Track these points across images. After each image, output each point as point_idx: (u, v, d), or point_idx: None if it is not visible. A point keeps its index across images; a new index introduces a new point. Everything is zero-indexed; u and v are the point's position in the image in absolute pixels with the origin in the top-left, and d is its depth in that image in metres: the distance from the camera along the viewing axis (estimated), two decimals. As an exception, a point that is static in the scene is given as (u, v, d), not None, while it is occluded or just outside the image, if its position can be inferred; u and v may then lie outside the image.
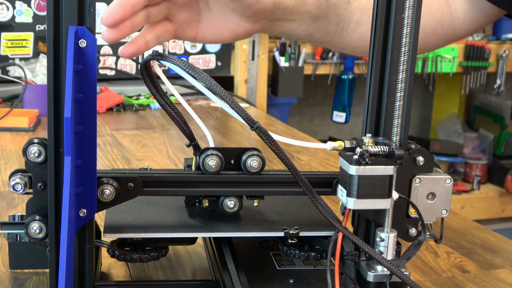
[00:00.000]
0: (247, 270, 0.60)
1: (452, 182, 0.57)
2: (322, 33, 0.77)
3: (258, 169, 0.59)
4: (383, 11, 0.54)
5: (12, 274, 0.67)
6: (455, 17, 0.84)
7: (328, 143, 0.55)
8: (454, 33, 0.86)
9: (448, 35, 0.86)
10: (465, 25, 0.85)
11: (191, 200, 0.63)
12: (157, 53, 0.56)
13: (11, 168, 1.10)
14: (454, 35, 0.86)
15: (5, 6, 1.83)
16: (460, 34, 0.86)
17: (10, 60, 1.83)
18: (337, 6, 0.76)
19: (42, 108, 1.51)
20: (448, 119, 3.16)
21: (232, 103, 0.52)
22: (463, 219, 0.92)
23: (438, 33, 0.83)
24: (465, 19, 0.85)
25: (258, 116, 1.82)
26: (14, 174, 0.55)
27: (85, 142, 0.52)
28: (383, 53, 0.54)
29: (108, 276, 0.69)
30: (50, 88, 0.52)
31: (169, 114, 0.60)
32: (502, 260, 0.79)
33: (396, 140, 0.54)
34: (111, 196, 0.56)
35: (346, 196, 0.53)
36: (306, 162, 1.23)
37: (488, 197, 2.90)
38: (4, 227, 0.62)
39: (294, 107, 2.92)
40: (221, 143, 1.36)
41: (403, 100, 0.54)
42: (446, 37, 0.86)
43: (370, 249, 0.53)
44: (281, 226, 0.60)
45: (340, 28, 0.78)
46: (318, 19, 0.75)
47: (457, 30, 0.86)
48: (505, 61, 2.72)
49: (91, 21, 0.52)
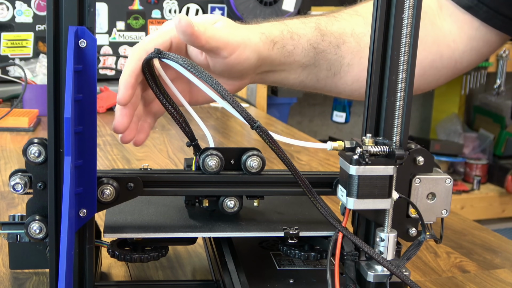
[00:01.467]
0: (247, 270, 0.60)
1: (452, 182, 0.57)
2: (314, 80, 0.76)
3: (258, 169, 0.59)
4: (383, 11, 0.54)
5: (12, 274, 0.67)
6: (454, 48, 0.82)
7: (328, 143, 0.55)
8: (455, 65, 0.83)
9: (449, 68, 0.83)
10: (466, 55, 0.83)
11: (191, 200, 0.63)
12: (159, 51, 0.56)
13: (11, 168, 1.10)
14: (456, 67, 0.83)
15: (5, 6, 1.83)
16: (463, 65, 0.84)
17: (10, 60, 1.83)
18: (325, 52, 0.75)
19: (42, 108, 1.51)
20: (448, 119, 3.16)
21: (233, 102, 0.52)
22: (463, 219, 0.92)
23: (438, 66, 0.81)
24: (465, 50, 0.82)
25: (258, 116, 1.81)
26: (14, 174, 0.55)
27: (85, 142, 0.52)
28: (383, 53, 0.54)
29: (108, 276, 0.69)
30: (50, 88, 0.52)
31: (170, 114, 0.60)
32: (502, 260, 0.79)
33: (396, 140, 0.54)
34: (111, 196, 0.56)
35: (346, 196, 0.53)
36: (306, 162, 1.23)
37: (488, 197, 2.90)
38: (4, 227, 0.62)
39: (294, 107, 2.92)
40: (221, 143, 1.36)
41: (403, 100, 0.54)
42: (448, 70, 0.83)
43: (370, 249, 0.53)
44: (281, 226, 0.60)
45: (332, 73, 0.77)
46: (308, 66, 0.74)
47: (459, 62, 0.83)
48: (505, 61, 2.72)
49: (91, 21, 0.52)
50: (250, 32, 0.68)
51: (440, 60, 0.81)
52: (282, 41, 0.71)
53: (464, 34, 0.82)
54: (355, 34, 0.77)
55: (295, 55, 0.72)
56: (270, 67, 0.71)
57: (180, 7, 2.01)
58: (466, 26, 0.81)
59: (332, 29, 0.76)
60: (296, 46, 0.72)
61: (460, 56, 0.83)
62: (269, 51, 0.69)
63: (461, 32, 0.82)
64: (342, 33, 0.76)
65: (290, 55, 0.71)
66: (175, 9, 2.00)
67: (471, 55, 0.83)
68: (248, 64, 0.66)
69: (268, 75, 0.72)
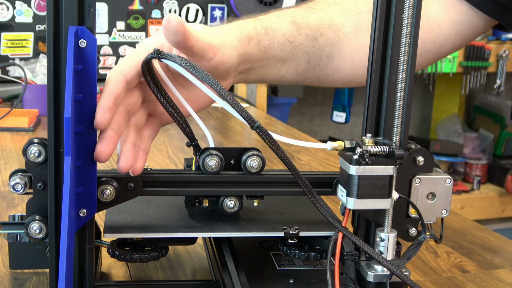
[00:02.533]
0: (247, 270, 0.60)
1: (452, 182, 0.57)
2: (295, 74, 0.75)
3: (258, 169, 0.59)
4: (383, 11, 0.54)
5: (12, 274, 0.67)
6: (439, 33, 0.81)
7: (328, 143, 0.55)
8: (439, 49, 0.82)
9: (432, 52, 0.82)
10: (451, 39, 0.82)
11: (191, 200, 0.63)
12: (159, 51, 0.56)
13: (11, 168, 1.10)
14: (439, 51, 0.83)
15: (5, 6, 1.83)
16: (447, 49, 0.83)
17: (10, 60, 1.83)
18: (302, 45, 0.74)
19: (42, 108, 1.51)
20: (448, 119, 3.16)
21: (233, 102, 0.52)
22: (463, 219, 0.92)
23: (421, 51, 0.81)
24: (450, 34, 0.81)
25: (258, 116, 1.81)
26: (14, 174, 0.55)
27: (85, 142, 0.52)
28: (383, 53, 0.54)
29: (108, 276, 0.69)
30: (50, 88, 0.51)
31: (170, 114, 0.60)
32: (502, 260, 0.79)
33: (396, 140, 0.54)
34: (111, 196, 0.56)
35: (346, 196, 0.53)
36: (306, 162, 1.23)
37: (488, 197, 2.90)
38: (4, 227, 0.62)
39: (294, 107, 2.92)
40: (221, 143, 1.36)
41: (403, 100, 0.54)
42: (431, 54, 0.82)
43: (370, 249, 0.53)
44: (281, 226, 0.60)
45: (311, 66, 0.76)
46: (286, 61, 0.73)
47: (443, 46, 0.82)
48: (505, 61, 2.72)
49: (91, 21, 0.52)
50: (225, 31, 0.67)
51: (423, 45, 0.79)
52: (257, 36, 0.70)
53: (451, 18, 0.81)
54: (333, 25, 0.76)
55: (271, 50, 0.71)
56: (249, 64, 0.70)
57: (180, 7, 2.01)
58: (453, 10, 0.81)
59: (308, 21, 0.75)
60: (272, 41, 0.71)
61: (445, 40, 0.82)
62: (245, 47, 0.68)
63: (448, 16, 0.81)
64: (319, 25, 0.75)
65: (266, 50, 0.71)
66: (175, 9, 2.00)
67: (456, 40, 0.83)
68: (231, 63, 0.65)
69: (249, 73, 0.71)
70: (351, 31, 0.77)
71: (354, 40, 0.77)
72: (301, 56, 0.74)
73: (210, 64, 0.63)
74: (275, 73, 0.74)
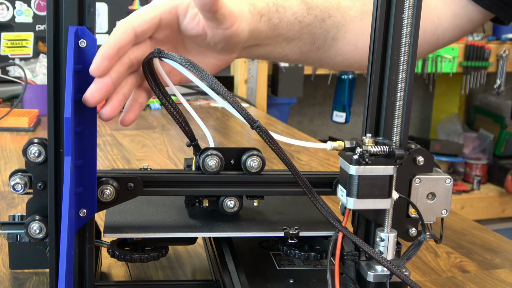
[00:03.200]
0: (247, 270, 0.60)
1: (452, 182, 0.57)
2: (298, 53, 0.76)
3: (258, 169, 0.59)
4: (383, 11, 0.54)
5: (12, 274, 0.67)
6: (438, 24, 0.82)
7: (328, 143, 0.55)
8: (437, 40, 0.83)
9: (431, 43, 0.83)
10: (449, 31, 0.83)
11: (191, 200, 0.63)
12: (159, 50, 0.56)
13: (11, 168, 1.10)
14: (437, 42, 0.83)
15: (5, 6, 1.83)
16: (444, 41, 0.84)
17: (10, 60, 1.83)
18: (311, 26, 0.74)
19: (42, 108, 1.51)
20: (448, 119, 3.16)
21: (233, 101, 0.52)
22: (463, 219, 0.92)
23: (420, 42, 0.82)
24: (449, 26, 0.82)
25: (258, 116, 1.82)
26: (14, 174, 0.55)
27: (85, 142, 0.52)
28: (383, 53, 0.54)
29: (108, 276, 0.69)
30: (50, 88, 0.51)
31: (170, 113, 0.60)
32: (502, 260, 0.79)
33: (396, 140, 0.54)
34: (111, 196, 0.56)
35: (346, 196, 0.53)
36: (306, 162, 1.23)
37: (488, 197, 2.90)
38: (4, 227, 0.62)
39: (294, 107, 2.92)
40: (221, 143, 1.36)
41: (403, 100, 0.54)
42: (429, 45, 0.83)
43: (370, 249, 0.53)
44: (281, 226, 0.60)
45: (315, 47, 0.76)
46: (292, 40, 0.73)
47: (441, 37, 0.83)
48: (505, 61, 2.72)
49: (91, 21, 0.52)
50: (241, 4, 0.67)
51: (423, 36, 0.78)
52: (268, 13, 0.70)
53: (450, 10, 0.82)
54: (341, 7, 0.76)
55: (280, 29, 0.71)
56: (256, 41, 0.70)
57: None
58: (453, 3, 0.81)
59: (318, 2, 0.75)
60: (282, 19, 0.71)
61: (443, 32, 0.83)
62: (256, 23, 0.68)
63: (447, 8, 0.82)
64: (328, 6, 0.76)
65: (275, 28, 0.70)
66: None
67: (454, 32, 0.83)
68: (243, 36, 0.65)
69: (253, 49, 0.71)
70: (357, 16, 0.78)
71: (359, 25, 0.78)
72: (308, 37, 0.75)
73: (226, 33, 0.63)
74: (279, 51, 0.74)
